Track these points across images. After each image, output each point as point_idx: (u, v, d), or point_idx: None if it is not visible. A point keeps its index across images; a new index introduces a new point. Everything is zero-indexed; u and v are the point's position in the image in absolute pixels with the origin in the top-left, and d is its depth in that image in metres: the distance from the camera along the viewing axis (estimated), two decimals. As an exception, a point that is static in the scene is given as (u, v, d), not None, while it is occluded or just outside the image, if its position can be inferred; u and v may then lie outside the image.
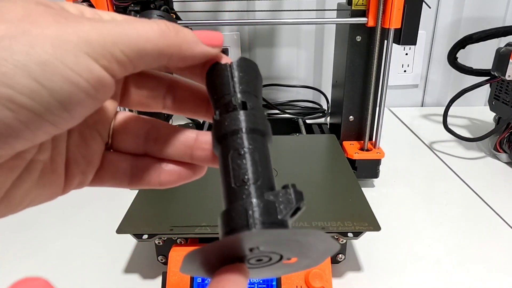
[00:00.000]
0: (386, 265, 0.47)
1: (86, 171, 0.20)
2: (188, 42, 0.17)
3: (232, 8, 0.88)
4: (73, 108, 0.14)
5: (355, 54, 0.62)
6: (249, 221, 0.15)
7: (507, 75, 0.67)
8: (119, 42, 0.15)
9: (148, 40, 0.16)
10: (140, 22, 0.16)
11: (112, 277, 0.46)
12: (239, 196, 0.16)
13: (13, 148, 0.14)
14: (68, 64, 0.13)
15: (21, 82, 0.13)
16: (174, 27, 0.17)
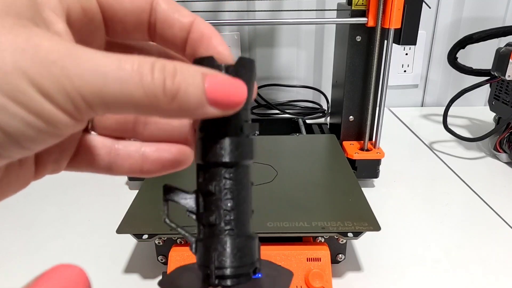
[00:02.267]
0: (386, 265, 0.47)
1: (59, 159, 0.18)
2: (187, 109, 0.14)
3: (232, 8, 0.88)
4: (29, 145, 0.13)
5: (355, 54, 0.62)
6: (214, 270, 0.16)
7: (507, 75, 0.67)
8: (90, 94, 0.13)
9: (131, 102, 0.13)
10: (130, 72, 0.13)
11: (112, 277, 0.46)
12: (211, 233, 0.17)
13: None
14: (25, 106, 0.12)
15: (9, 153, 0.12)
16: (175, 85, 0.13)
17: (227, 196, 0.17)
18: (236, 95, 0.15)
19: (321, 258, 0.41)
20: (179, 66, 0.14)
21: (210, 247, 0.17)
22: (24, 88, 0.12)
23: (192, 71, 0.14)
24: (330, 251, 0.42)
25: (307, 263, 0.40)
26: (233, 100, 0.15)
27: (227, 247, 0.17)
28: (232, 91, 0.15)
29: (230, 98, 0.15)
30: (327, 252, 0.41)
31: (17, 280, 0.46)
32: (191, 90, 0.14)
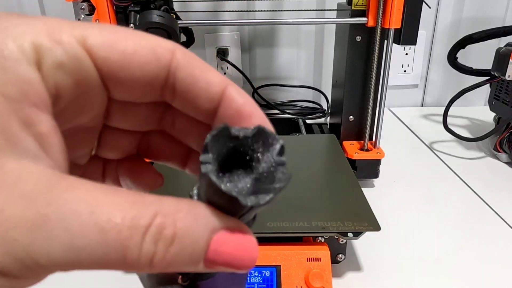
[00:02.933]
0: (386, 265, 0.47)
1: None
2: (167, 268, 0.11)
3: (232, 8, 0.88)
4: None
5: (355, 54, 0.62)
6: None
7: (507, 75, 0.67)
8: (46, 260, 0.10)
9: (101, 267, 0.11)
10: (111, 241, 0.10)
11: (112, 277, 0.46)
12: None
13: None
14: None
15: None
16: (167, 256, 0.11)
17: None
18: (244, 259, 0.11)
19: (321, 258, 0.41)
20: (182, 229, 0.11)
21: None
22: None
23: (198, 232, 0.11)
24: (330, 251, 0.42)
25: (307, 263, 0.40)
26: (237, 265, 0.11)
27: None
28: (240, 255, 0.11)
29: (234, 263, 0.11)
30: (327, 252, 0.41)
31: (17, 280, 0.46)
32: (186, 259, 0.11)
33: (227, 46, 0.93)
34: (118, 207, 0.10)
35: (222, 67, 0.95)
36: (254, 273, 0.40)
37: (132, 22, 0.51)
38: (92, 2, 0.50)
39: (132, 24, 0.51)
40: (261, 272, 0.40)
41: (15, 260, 0.10)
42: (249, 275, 0.40)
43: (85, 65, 0.12)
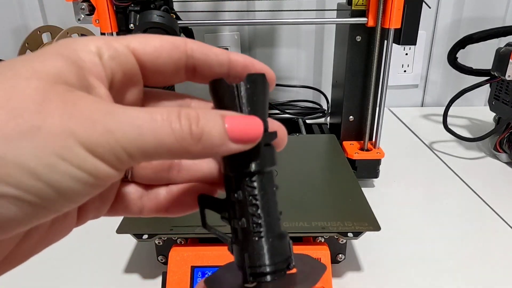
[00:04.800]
0: (386, 265, 0.47)
1: (100, 207, 0.20)
2: (211, 147, 0.16)
3: (232, 8, 0.88)
4: (76, 199, 0.15)
5: (355, 54, 0.62)
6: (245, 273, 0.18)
7: (507, 75, 0.67)
8: (130, 147, 0.14)
9: (162, 148, 0.15)
10: (161, 122, 0.15)
11: (112, 277, 0.46)
12: (244, 236, 0.19)
13: (14, 232, 0.14)
14: (76, 164, 0.14)
15: (28, 183, 0.13)
16: (199, 129, 0.15)
17: (253, 202, 0.18)
18: (254, 130, 0.17)
19: (321, 258, 0.41)
20: (201, 112, 0.16)
21: (243, 249, 0.18)
22: (72, 146, 0.13)
23: (213, 115, 0.16)
24: (330, 251, 0.42)
25: (307, 263, 0.40)
26: (252, 136, 0.17)
27: (257, 248, 0.18)
28: (250, 128, 0.17)
29: (249, 135, 0.17)
30: (327, 252, 0.41)
31: (16, 280, 0.46)
32: (213, 132, 0.16)
33: (227, 46, 0.93)
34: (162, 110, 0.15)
35: (222, 67, 0.95)
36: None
37: (132, 22, 0.51)
38: (92, 2, 0.50)
39: (132, 24, 0.51)
40: (261, 272, 0.39)
41: (110, 149, 0.14)
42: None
43: (130, 59, 0.17)
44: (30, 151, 0.13)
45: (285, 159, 0.57)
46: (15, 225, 0.14)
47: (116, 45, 0.17)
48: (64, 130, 0.13)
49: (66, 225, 0.19)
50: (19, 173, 0.13)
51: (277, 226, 0.19)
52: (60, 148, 0.13)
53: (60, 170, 0.13)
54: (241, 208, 0.19)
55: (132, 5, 0.51)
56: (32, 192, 0.13)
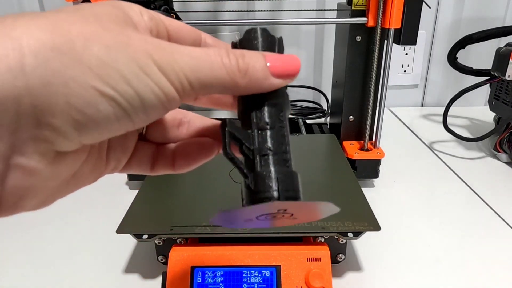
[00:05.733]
0: (386, 265, 0.47)
1: (121, 158, 0.22)
2: (256, 80, 0.18)
3: (232, 8, 0.88)
4: (151, 113, 0.17)
5: (355, 54, 0.62)
6: (280, 191, 0.18)
7: (507, 75, 0.67)
8: (191, 76, 0.17)
9: (216, 77, 0.17)
10: (215, 57, 0.17)
11: (112, 277, 0.46)
12: (260, 165, 0.19)
13: (101, 137, 0.17)
14: (154, 80, 0.16)
15: (122, 87, 0.16)
16: (245, 64, 0.18)
17: (283, 131, 0.19)
18: (293, 65, 0.19)
19: (321, 258, 0.41)
20: (245, 51, 0.18)
21: (273, 175, 0.19)
22: (151, 65, 0.16)
23: (255, 54, 0.18)
24: (330, 251, 0.42)
25: (307, 263, 0.40)
26: (291, 71, 0.19)
27: (287, 175, 0.19)
28: (289, 64, 0.19)
29: (289, 70, 0.19)
30: (327, 252, 0.41)
31: (17, 280, 0.46)
32: (257, 66, 0.18)
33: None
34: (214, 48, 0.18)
35: (222, 67, 0.95)
36: (254, 273, 0.40)
37: (132, 22, 0.51)
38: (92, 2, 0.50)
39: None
40: (261, 272, 0.40)
41: (175, 73, 0.17)
42: (249, 274, 0.40)
43: (161, 25, 0.20)
44: (123, 60, 0.16)
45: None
46: (107, 127, 0.16)
47: (152, 12, 0.20)
48: (144, 50, 0.16)
49: (98, 166, 0.21)
50: (117, 77, 0.15)
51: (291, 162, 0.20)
52: (143, 64, 0.16)
53: (143, 81, 0.16)
54: (270, 134, 0.19)
55: (132, 5, 0.51)
56: (125, 97, 0.16)
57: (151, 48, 0.16)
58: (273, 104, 0.19)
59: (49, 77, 0.14)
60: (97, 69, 0.15)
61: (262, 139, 0.19)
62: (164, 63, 0.16)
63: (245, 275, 0.39)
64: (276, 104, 0.19)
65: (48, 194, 0.18)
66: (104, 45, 0.15)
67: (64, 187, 0.19)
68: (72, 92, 0.15)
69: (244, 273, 0.40)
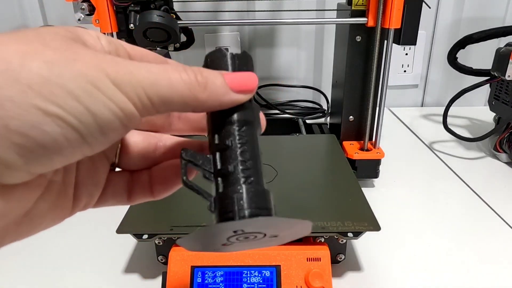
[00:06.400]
0: (386, 265, 0.47)
1: (92, 193, 0.21)
2: (216, 95, 0.18)
3: (232, 8, 0.88)
4: (109, 133, 0.16)
5: (355, 54, 0.62)
6: (237, 210, 0.18)
7: (507, 75, 0.67)
8: (149, 91, 0.16)
9: (175, 92, 0.17)
10: (173, 72, 0.17)
11: (112, 277, 0.46)
12: (220, 187, 0.19)
13: (52, 165, 0.16)
14: (108, 95, 0.15)
15: (70, 104, 0.14)
16: (204, 78, 0.17)
17: (244, 147, 0.19)
18: (251, 81, 0.19)
19: (321, 258, 0.41)
20: (201, 69, 0.18)
21: (230, 195, 0.18)
22: (103, 79, 0.15)
23: (212, 71, 0.18)
24: (330, 251, 0.42)
25: (307, 263, 0.40)
26: (250, 86, 0.19)
27: (246, 192, 0.18)
28: (247, 79, 0.19)
29: (247, 85, 0.19)
30: (327, 252, 0.41)
31: (17, 280, 0.46)
32: (216, 81, 0.18)
33: (227, 46, 0.93)
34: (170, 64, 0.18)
35: (222, 67, 0.95)
36: (254, 273, 0.40)
37: (132, 22, 0.51)
38: (92, 2, 0.50)
39: (132, 24, 0.51)
40: (261, 272, 0.40)
41: (133, 88, 0.16)
42: (249, 274, 0.40)
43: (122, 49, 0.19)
44: (69, 75, 0.14)
45: (285, 159, 0.57)
46: (59, 151, 0.15)
47: (112, 38, 0.19)
48: (96, 65, 0.15)
49: (64, 205, 0.20)
50: (62, 93, 0.14)
51: (263, 181, 0.19)
52: (94, 78, 0.15)
53: (95, 96, 0.15)
54: (230, 155, 0.19)
55: (132, 5, 0.51)
56: (74, 114, 0.14)
57: (103, 62, 0.15)
58: (234, 121, 0.19)
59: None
60: (38, 87, 0.14)
61: (222, 160, 0.19)
62: (119, 77, 0.15)
63: (245, 275, 0.39)
64: (239, 120, 0.19)
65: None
66: (45, 61, 0.14)
67: (14, 229, 0.17)
68: (10, 113, 0.13)
69: (244, 273, 0.40)
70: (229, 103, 0.18)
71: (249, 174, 0.18)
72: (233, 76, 0.18)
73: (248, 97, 0.19)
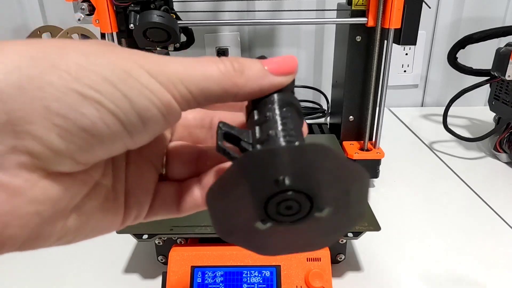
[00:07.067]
0: (386, 265, 0.47)
1: (142, 202, 0.21)
2: (255, 79, 0.18)
3: (232, 8, 0.88)
4: (148, 122, 0.16)
5: (355, 54, 0.62)
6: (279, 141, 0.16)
7: (507, 75, 0.67)
8: (185, 80, 0.16)
9: (212, 80, 0.17)
10: (207, 62, 0.17)
11: (112, 277, 0.46)
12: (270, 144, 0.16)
13: (95, 153, 0.16)
14: (143, 83, 0.15)
15: (106, 89, 0.15)
16: (240, 65, 0.17)
17: (285, 120, 0.17)
18: (290, 62, 0.19)
19: (321, 258, 0.41)
20: (237, 57, 0.18)
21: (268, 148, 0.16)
22: (138, 68, 0.15)
23: (249, 59, 0.18)
24: (330, 251, 0.42)
25: (307, 263, 0.40)
26: (289, 67, 0.18)
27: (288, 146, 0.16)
28: (286, 60, 0.18)
29: (287, 67, 0.18)
30: (327, 252, 0.41)
31: (17, 280, 0.46)
32: (253, 67, 0.18)
33: (227, 46, 0.93)
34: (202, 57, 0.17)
35: (222, 67, 0.95)
36: (254, 273, 0.40)
37: (132, 22, 0.51)
38: (92, 2, 0.50)
39: (132, 24, 0.51)
40: (261, 272, 0.40)
41: (175, 88, 0.16)
42: (249, 274, 0.40)
43: None
44: (104, 64, 0.15)
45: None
46: (98, 136, 0.15)
47: None
48: (129, 57, 0.16)
49: (114, 211, 0.19)
50: (98, 79, 0.15)
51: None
52: (128, 68, 0.15)
53: (131, 84, 0.15)
54: (270, 125, 0.17)
55: (132, 5, 0.51)
56: (110, 99, 0.15)
57: (135, 55, 0.16)
58: (275, 100, 0.18)
59: (22, 82, 0.14)
60: (75, 73, 0.14)
61: (262, 131, 0.17)
62: (154, 67, 0.16)
63: (245, 275, 0.39)
64: (280, 99, 0.18)
65: (39, 224, 0.16)
66: (81, 52, 0.15)
67: (62, 224, 0.17)
68: (50, 96, 0.14)
69: (244, 273, 0.40)
70: (269, 86, 0.18)
71: (291, 139, 0.16)
72: (271, 60, 0.18)
73: (289, 78, 0.18)
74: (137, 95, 0.15)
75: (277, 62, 0.18)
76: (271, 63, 0.18)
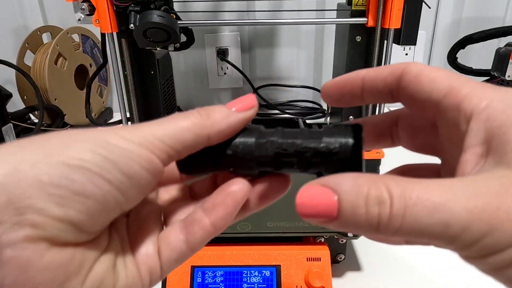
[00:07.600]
0: (386, 265, 0.47)
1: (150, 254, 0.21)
2: (221, 118, 0.20)
3: (232, 8, 0.88)
4: (134, 178, 0.18)
5: (355, 54, 0.62)
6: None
7: (507, 75, 0.67)
8: (160, 136, 0.18)
9: (185, 130, 0.19)
10: (178, 117, 0.19)
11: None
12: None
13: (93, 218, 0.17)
14: (122, 146, 0.17)
15: (89, 156, 0.17)
16: (206, 111, 0.20)
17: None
18: (249, 98, 0.21)
19: (321, 258, 0.41)
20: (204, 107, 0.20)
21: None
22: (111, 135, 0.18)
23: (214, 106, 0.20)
24: (330, 251, 0.42)
25: (307, 263, 0.40)
26: (251, 102, 0.21)
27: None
28: (247, 98, 0.21)
29: (248, 102, 0.21)
30: (327, 252, 0.41)
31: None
32: (217, 109, 0.20)
33: (227, 46, 0.93)
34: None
35: (222, 67, 0.95)
36: (254, 273, 0.40)
37: (132, 22, 0.51)
38: (92, 2, 0.50)
39: (132, 24, 0.51)
40: (261, 272, 0.40)
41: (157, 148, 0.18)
42: (249, 274, 0.40)
43: None
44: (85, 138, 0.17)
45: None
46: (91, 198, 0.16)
47: None
48: (105, 130, 0.18)
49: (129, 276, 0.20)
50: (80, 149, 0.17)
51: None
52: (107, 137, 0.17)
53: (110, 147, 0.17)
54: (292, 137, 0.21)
55: (132, 5, 0.51)
56: (93, 162, 0.17)
57: (112, 128, 0.18)
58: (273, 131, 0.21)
59: (16, 164, 0.16)
60: (60, 150, 0.16)
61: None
62: (129, 133, 0.18)
63: (245, 275, 0.39)
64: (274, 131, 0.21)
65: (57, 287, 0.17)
66: (63, 134, 0.17)
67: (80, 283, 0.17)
68: (41, 171, 0.16)
69: (244, 273, 0.40)
70: (236, 121, 0.20)
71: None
72: (232, 101, 0.21)
73: (252, 112, 0.21)
74: (118, 155, 0.17)
75: (238, 101, 0.21)
76: (234, 103, 0.20)
